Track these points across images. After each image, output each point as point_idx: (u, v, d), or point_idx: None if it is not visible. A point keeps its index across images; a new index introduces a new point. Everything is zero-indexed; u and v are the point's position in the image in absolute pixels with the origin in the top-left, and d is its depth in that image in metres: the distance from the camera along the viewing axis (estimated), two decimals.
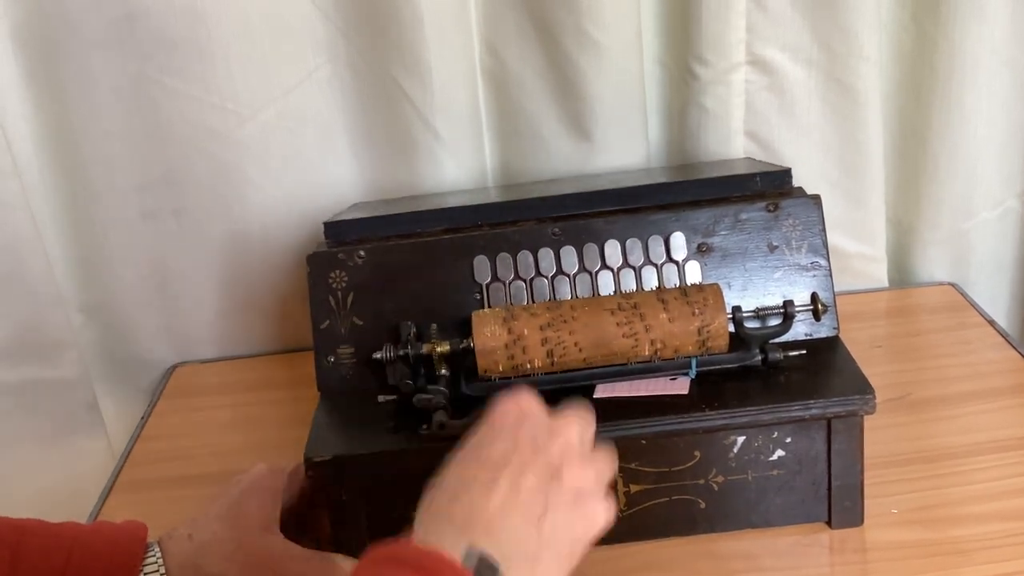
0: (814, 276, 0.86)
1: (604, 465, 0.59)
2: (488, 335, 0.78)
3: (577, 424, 0.59)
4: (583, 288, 0.85)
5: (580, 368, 0.80)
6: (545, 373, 0.80)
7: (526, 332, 0.78)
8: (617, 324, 0.78)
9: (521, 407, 0.59)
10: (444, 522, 0.53)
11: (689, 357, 0.80)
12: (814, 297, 0.83)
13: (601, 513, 0.57)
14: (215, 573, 0.71)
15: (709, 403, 0.77)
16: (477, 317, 0.80)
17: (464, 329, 0.82)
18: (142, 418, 1.08)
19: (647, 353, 0.79)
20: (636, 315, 0.78)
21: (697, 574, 0.79)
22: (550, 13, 1.01)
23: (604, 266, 0.85)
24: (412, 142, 1.06)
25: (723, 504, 0.80)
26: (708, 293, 0.79)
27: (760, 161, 1.07)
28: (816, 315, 0.83)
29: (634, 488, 0.79)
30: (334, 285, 0.86)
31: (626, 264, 0.85)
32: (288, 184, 1.08)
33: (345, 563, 0.73)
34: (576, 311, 0.79)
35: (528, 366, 0.79)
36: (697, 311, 0.78)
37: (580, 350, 0.79)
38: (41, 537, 0.69)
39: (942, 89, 1.06)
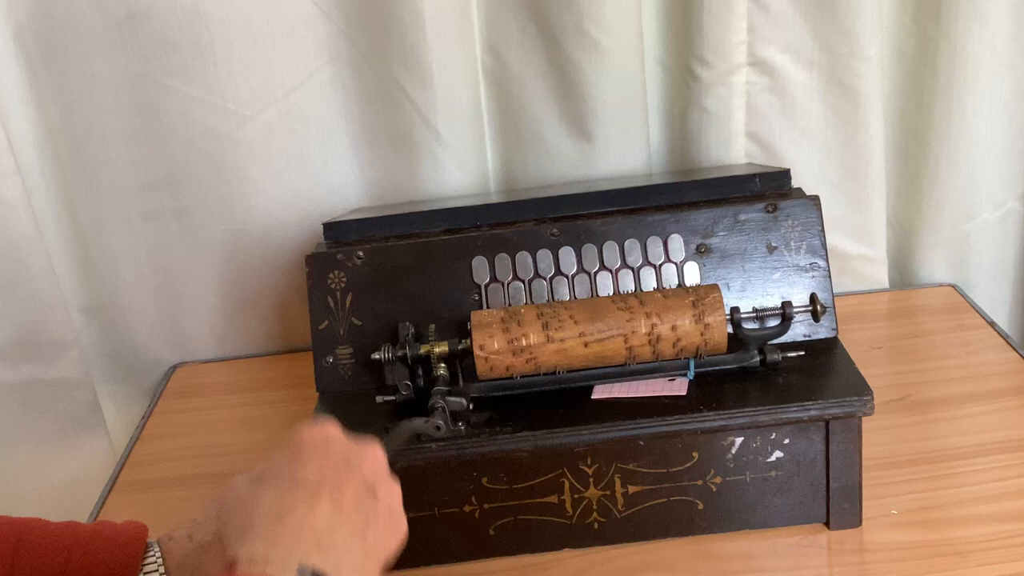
0: (813, 277, 0.86)
1: (398, 488, 0.62)
2: (486, 336, 0.78)
3: (376, 449, 0.61)
4: (581, 289, 0.85)
5: (578, 369, 0.80)
6: (543, 374, 0.80)
7: (524, 333, 0.78)
8: (616, 325, 0.78)
9: (325, 432, 0.60)
10: (270, 542, 0.54)
11: (687, 358, 0.80)
12: (813, 298, 0.83)
13: (404, 527, 0.60)
14: (215, 574, 0.71)
15: (707, 404, 0.77)
16: (475, 318, 0.80)
17: (462, 330, 0.82)
18: (143, 418, 1.08)
19: (645, 354, 0.79)
20: (635, 316, 0.78)
21: (695, 575, 0.79)
22: (551, 14, 1.01)
23: (602, 267, 0.86)
24: (413, 143, 1.06)
25: (721, 505, 0.80)
26: (707, 293, 0.79)
27: (758, 164, 1.07)
28: (815, 316, 0.83)
29: (632, 489, 0.79)
30: (333, 286, 0.86)
31: (625, 265, 0.86)
32: (289, 185, 1.08)
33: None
34: (574, 312, 0.79)
35: (526, 367, 0.79)
36: (696, 312, 0.79)
37: (578, 351, 0.79)
38: (41, 536, 0.69)
39: (943, 91, 1.06)
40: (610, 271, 0.85)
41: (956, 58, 1.04)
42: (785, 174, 0.91)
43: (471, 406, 0.78)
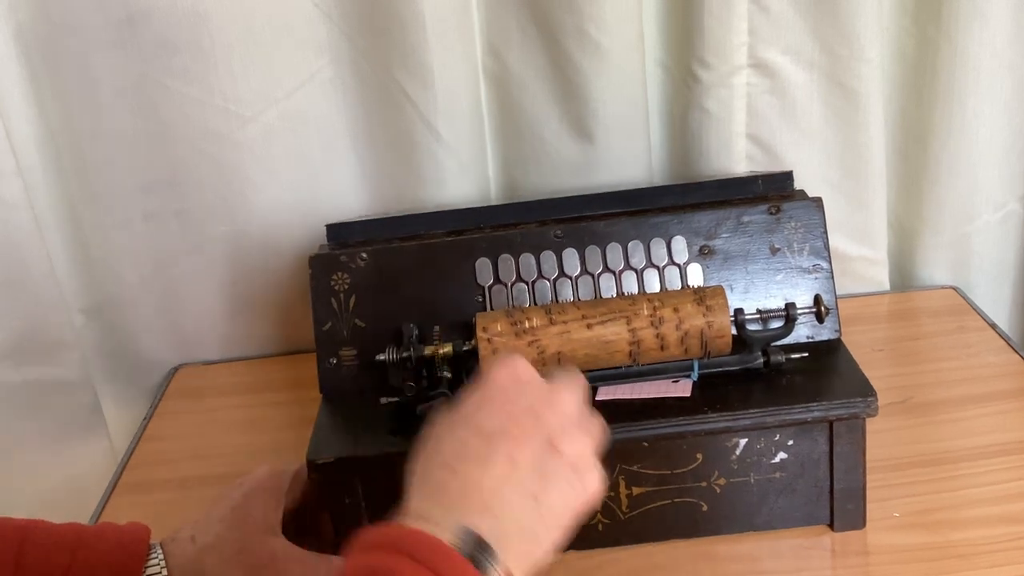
0: (816, 279, 0.86)
1: (598, 432, 0.57)
2: (489, 320, 0.78)
3: (571, 391, 0.57)
4: (585, 290, 0.85)
5: (582, 370, 0.80)
6: (547, 363, 0.80)
7: (530, 355, 0.78)
8: (619, 326, 0.79)
9: (516, 374, 0.56)
10: (436, 500, 0.51)
11: (691, 359, 0.80)
12: (817, 299, 0.83)
13: (596, 482, 0.55)
14: (217, 575, 0.71)
15: (711, 405, 0.77)
16: (480, 319, 0.80)
17: (466, 331, 0.82)
18: (144, 419, 1.08)
19: (649, 355, 0.79)
20: (641, 337, 0.78)
21: None
22: (552, 15, 1.01)
23: (606, 268, 0.86)
24: (414, 144, 1.06)
25: (725, 507, 0.80)
26: (711, 295, 0.79)
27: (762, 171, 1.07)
28: (819, 317, 0.83)
29: (636, 490, 0.79)
30: (336, 287, 0.86)
31: (628, 267, 0.86)
32: (290, 186, 1.08)
33: None
34: (580, 328, 0.79)
35: (529, 350, 0.79)
36: (700, 313, 0.79)
37: (581, 352, 0.79)
38: (44, 538, 0.69)
39: (944, 92, 1.06)
40: (613, 273, 0.86)
41: (956, 59, 1.04)
42: (788, 176, 0.91)
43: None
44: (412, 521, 0.51)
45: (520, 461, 0.52)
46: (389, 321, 0.85)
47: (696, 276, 0.85)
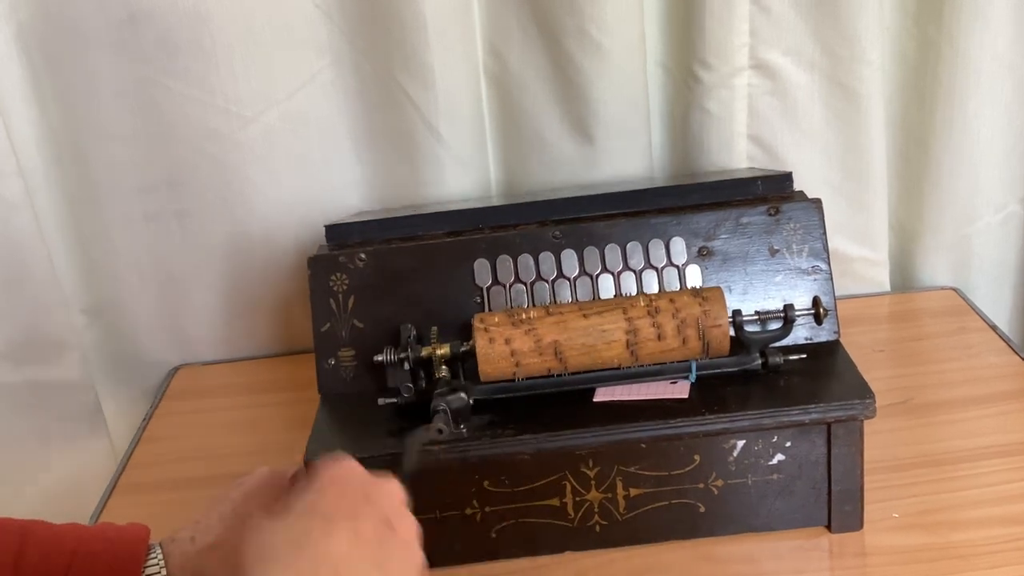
0: (815, 280, 0.86)
1: (415, 521, 0.61)
2: (489, 338, 0.78)
3: (394, 484, 0.61)
4: (583, 291, 0.85)
5: (580, 371, 0.80)
6: (545, 376, 0.80)
7: (526, 339, 0.78)
8: (618, 331, 0.79)
9: (344, 467, 0.61)
10: (289, 571, 0.53)
11: (689, 361, 0.80)
12: (816, 301, 0.83)
13: (421, 561, 0.60)
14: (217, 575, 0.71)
15: (709, 407, 0.77)
16: (478, 320, 0.80)
17: (465, 332, 0.82)
18: (144, 419, 1.08)
19: (648, 359, 0.79)
20: (638, 331, 0.78)
21: None
22: (553, 16, 1.01)
23: (605, 269, 0.86)
24: (415, 144, 1.06)
25: (723, 508, 0.80)
26: (710, 302, 0.79)
27: (760, 168, 1.07)
28: (818, 319, 0.83)
29: (634, 492, 0.79)
30: (335, 288, 0.86)
31: (627, 268, 0.86)
32: (291, 186, 1.08)
33: None
34: (576, 317, 0.79)
35: (528, 372, 0.79)
36: (696, 303, 0.79)
37: (580, 353, 0.79)
38: (44, 538, 0.70)
39: (945, 93, 1.06)
40: (612, 274, 0.85)
41: (957, 61, 1.04)
42: (787, 177, 0.91)
43: (472, 401, 0.78)
44: None
45: (362, 534, 0.56)
46: (387, 322, 0.85)
47: (695, 277, 0.85)
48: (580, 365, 0.79)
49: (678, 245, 0.86)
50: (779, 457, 0.78)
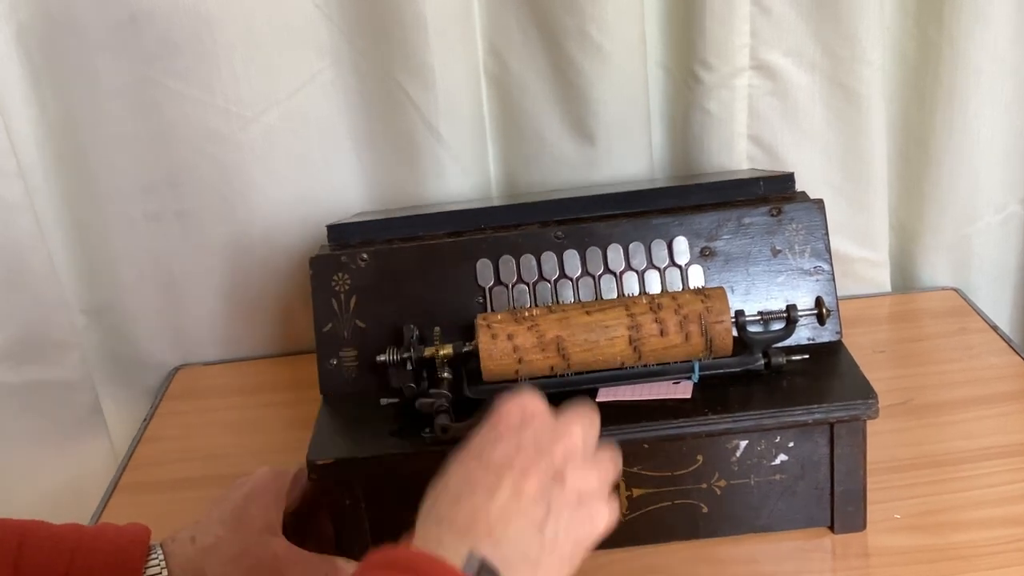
0: (817, 280, 0.86)
1: (608, 466, 0.59)
2: (492, 347, 0.78)
3: (581, 425, 0.58)
4: (586, 292, 0.85)
5: (583, 371, 0.80)
6: (548, 376, 0.80)
7: (530, 344, 0.78)
8: (620, 327, 0.78)
9: (525, 408, 0.58)
10: (445, 526, 0.53)
11: (692, 361, 0.80)
12: (819, 301, 0.83)
13: (604, 515, 0.57)
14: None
15: (712, 407, 0.77)
16: (480, 320, 0.80)
17: (467, 332, 0.82)
18: (144, 420, 1.08)
19: (651, 359, 0.79)
20: (640, 326, 0.78)
21: None
22: (553, 16, 1.01)
23: (607, 270, 0.86)
24: (415, 145, 1.06)
25: (725, 509, 0.79)
26: (713, 299, 0.79)
27: (762, 169, 1.07)
28: (820, 319, 0.83)
29: (636, 492, 0.79)
30: (337, 288, 0.86)
31: (629, 268, 0.86)
32: (291, 186, 1.08)
33: (347, 566, 0.73)
34: (579, 314, 0.79)
35: (531, 369, 0.79)
36: (699, 300, 0.78)
37: (583, 350, 0.78)
38: (44, 539, 0.69)
39: (945, 94, 1.06)
40: (614, 274, 0.85)
41: (958, 61, 1.04)
42: (789, 177, 0.91)
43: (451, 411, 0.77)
44: (421, 545, 0.52)
45: (525, 492, 0.54)
46: (389, 322, 0.85)
47: (697, 277, 0.85)
48: (583, 362, 0.79)
49: (680, 245, 0.86)
50: (782, 457, 0.78)
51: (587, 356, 0.79)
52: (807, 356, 0.81)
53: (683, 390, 0.79)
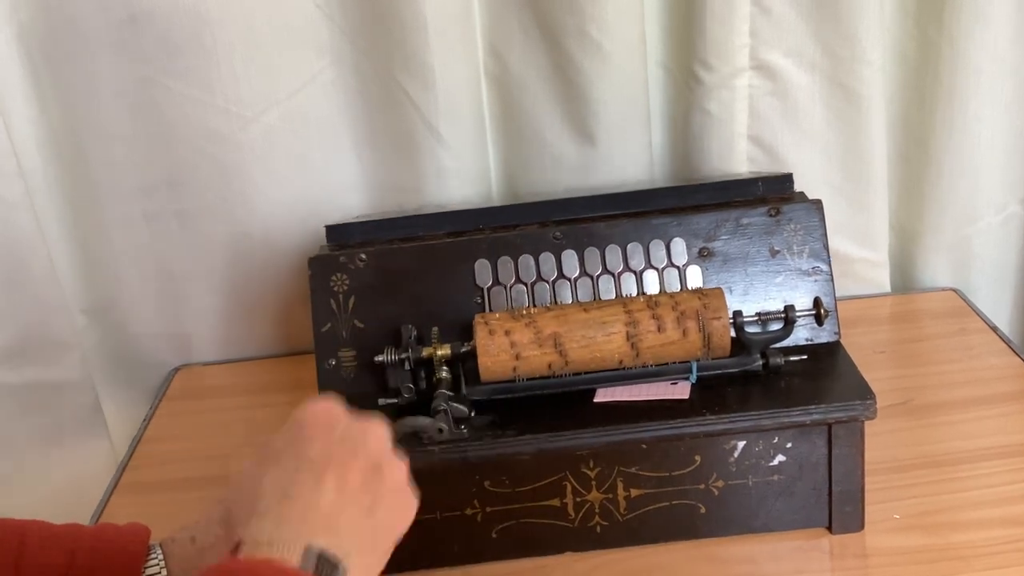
0: (815, 281, 0.86)
1: (405, 462, 0.61)
2: (489, 343, 0.78)
3: (381, 426, 0.61)
4: (584, 292, 0.85)
5: (581, 372, 0.80)
6: (546, 377, 0.80)
7: (527, 340, 0.78)
8: (619, 328, 0.79)
9: (329, 410, 0.60)
10: (276, 523, 0.54)
11: (690, 361, 0.80)
12: (817, 302, 0.83)
13: (414, 504, 0.60)
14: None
15: (710, 407, 0.77)
16: (478, 324, 0.80)
17: (465, 333, 0.82)
18: (144, 420, 1.08)
19: (649, 357, 0.79)
20: (638, 322, 0.78)
21: None
22: (553, 16, 1.01)
23: (605, 270, 0.86)
24: (415, 145, 1.06)
25: (723, 509, 0.80)
26: (710, 297, 0.79)
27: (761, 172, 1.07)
28: (819, 320, 0.83)
29: (634, 492, 0.79)
30: (335, 288, 0.86)
31: (627, 268, 0.86)
32: (291, 187, 1.08)
33: None
34: (577, 315, 0.79)
35: (529, 367, 0.79)
36: (701, 331, 0.78)
37: (580, 346, 0.79)
38: (45, 538, 0.69)
39: (945, 94, 1.06)
40: (612, 274, 0.85)
41: (958, 61, 1.04)
42: (787, 178, 0.91)
43: (473, 413, 0.78)
44: (257, 549, 0.52)
45: (350, 482, 0.56)
46: (388, 322, 0.85)
47: (695, 278, 0.85)
48: (581, 359, 0.79)
49: (679, 246, 0.86)
50: (780, 458, 0.78)
51: (585, 353, 0.79)
52: (805, 356, 0.81)
53: (681, 391, 0.79)
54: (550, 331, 0.79)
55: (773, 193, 0.90)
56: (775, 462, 0.78)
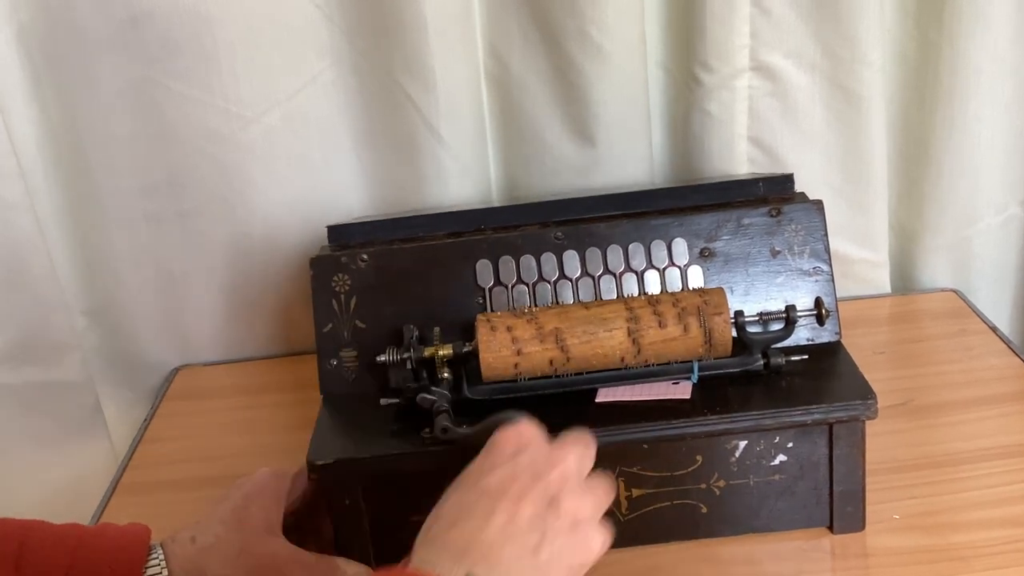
0: (816, 281, 0.86)
1: (602, 493, 0.61)
2: (491, 339, 0.78)
3: (576, 452, 0.60)
4: (586, 292, 0.85)
5: (583, 369, 0.80)
6: (547, 377, 0.80)
7: (529, 336, 0.78)
8: (620, 328, 0.79)
9: (521, 435, 0.60)
10: (441, 548, 0.54)
11: (691, 361, 0.80)
12: (818, 302, 0.83)
13: (598, 541, 0.59)
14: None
15: (711, 407, 0.77)
16: (480, 321, 0.80)
17: (467, 333, 0.82)
18: (145, 420, 1.08)
19: (650, 357, 0.79)
20: (641, 330, 0.78)
21: None
22: (553, 17, 1.01)
23: (607, 271, 0.86)
24: (416, 146, 1.06)
25: (725, 509, 0.80)
26: (711, 297, 0.80)
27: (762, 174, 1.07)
28: (819, 320, 0.83)
29: (636, 492, 0.79)
30: (337, 288, 0.86)
31: (628, 269, 0.86)
32: (292, 187, 1.08)
33: (347, 566, 0.73)
34: (578, 315, 0.79)
35: (530, 363, 0.79)
36: (702, 326, 0.79)
37: (582, 346, 0.79)
38: (46, 538, 0.70)
39: (945, 95, 1.06)
40: (614, 275, 0.86)
41: (958, 62, 1.04)
42: (788, 178, 0.91)
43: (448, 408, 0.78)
44: (420, 567, 0.54)
45: (520, 517, 0.55)
46: (389, 323, 0.85)
47: (697, 278, 0.86)
48: (582, 355, 0.79)
49: (680, 246, 0.86)
50: (781, 458, 0.78)
51: (586, 349, 0.79)
52: (806, 356, 0.81)
53: (682, 390, 0.79)
54: (551, 327, 0.79)
55: (774, 193, 0.90)
56: (776, 462, 0.78)
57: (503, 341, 0.78)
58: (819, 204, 0.87)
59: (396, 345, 0.82)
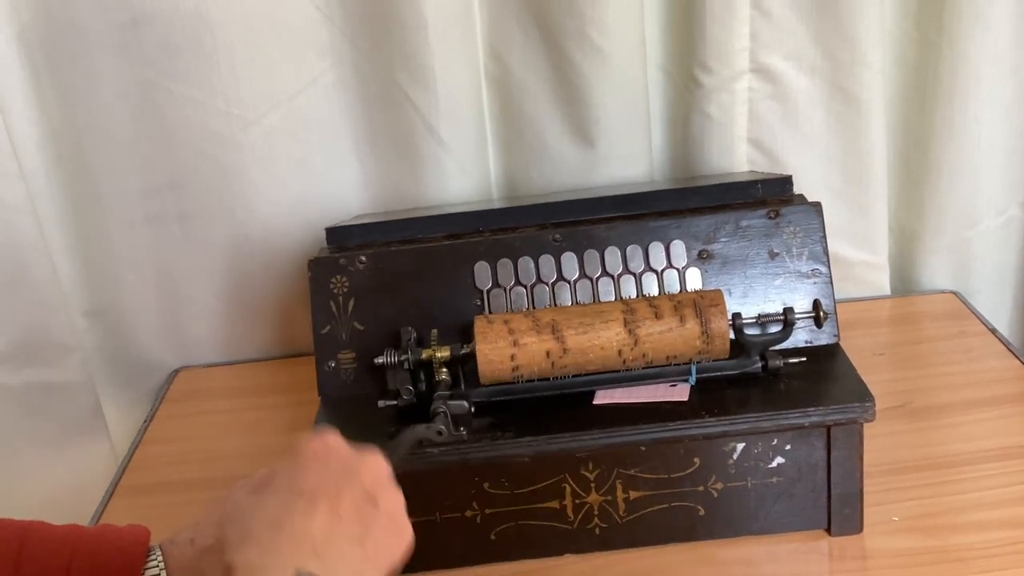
0: (815, 283, 0.86)
1: (400, 491, 0.62)
2: (489, 341, 0.79)
3: (377, 455, 0.61)
4: (584, 294, 0.85)
5: (580, 374, 0.80)
6: (545, 379, 0.80)
7: (527, 338, 0.78)
8: (618, 330, 0.79)
9: (325, 441, 0.61)
10: (268, 551, 0.54)
11: (689, 363, 0.80)
12: (816, 304, 0.83)
13: (410, 532, 0.60)
14: None
15: (709, 410, 0.77)
16: (478, 323, 0.80)
17: (465, 335, 0.82)
18: (145, 422, 1.09)
19: (648, 359, 0.79)
20: (637, 321, 0.79)
21: None
22: (554, 19, 1.01)
23: (605, 273, 0.86)
24: (416, 147, 1.06)
25: (722, 511, 0.80)
26: (709, 299, 0.80)
27: (761, 172, 1.07)
28: (817, 322, 0.83)
29: (633, 494, 0.79)
30: (335, 290, 0.86)
31: (627, 271, 0.86)
32: (292, 189, 1.08)
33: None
34: (576, 317, 0.79)
35: (527, 355, 0.79)
36: (698, 317, 0.79)
37: (578, 337, 0.79)
38: (45, 539, 0.69)
39: (945, 97, 1.06)
40: (612, 277, 0.86)
41: (958, 64, 1.04)
42: (787, 180, 0.91)
43: (473, 409, 0.78)
44: (246, 573, 0.53)
45: (342, 510, 0.56)
46: (388, 324, 0.85)
47: (695, 280, 0.85)
48: (579, 346, 0.79)
49: (678, 248, 0.86)
50: (779, 460, 0.78)
51: (583, 340, 0.78)
52: (804, 359, 0.81)
53: (680, 392, 0.79)
54: (548, 319, 0.79)
55: (772, 195, 0.90)
56: (774, 464, 0.78)
57: (500, 332, 0.78)
58: (817, 206, 0.87)
59: (394, 347, 0.82)
